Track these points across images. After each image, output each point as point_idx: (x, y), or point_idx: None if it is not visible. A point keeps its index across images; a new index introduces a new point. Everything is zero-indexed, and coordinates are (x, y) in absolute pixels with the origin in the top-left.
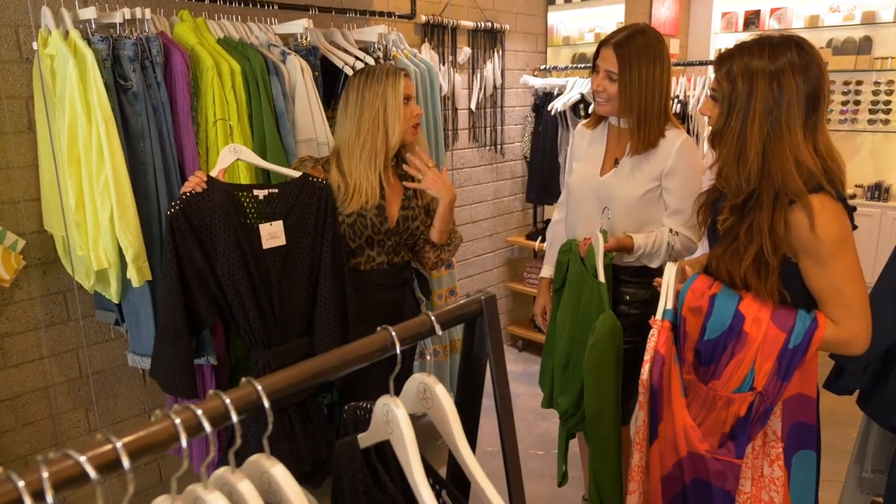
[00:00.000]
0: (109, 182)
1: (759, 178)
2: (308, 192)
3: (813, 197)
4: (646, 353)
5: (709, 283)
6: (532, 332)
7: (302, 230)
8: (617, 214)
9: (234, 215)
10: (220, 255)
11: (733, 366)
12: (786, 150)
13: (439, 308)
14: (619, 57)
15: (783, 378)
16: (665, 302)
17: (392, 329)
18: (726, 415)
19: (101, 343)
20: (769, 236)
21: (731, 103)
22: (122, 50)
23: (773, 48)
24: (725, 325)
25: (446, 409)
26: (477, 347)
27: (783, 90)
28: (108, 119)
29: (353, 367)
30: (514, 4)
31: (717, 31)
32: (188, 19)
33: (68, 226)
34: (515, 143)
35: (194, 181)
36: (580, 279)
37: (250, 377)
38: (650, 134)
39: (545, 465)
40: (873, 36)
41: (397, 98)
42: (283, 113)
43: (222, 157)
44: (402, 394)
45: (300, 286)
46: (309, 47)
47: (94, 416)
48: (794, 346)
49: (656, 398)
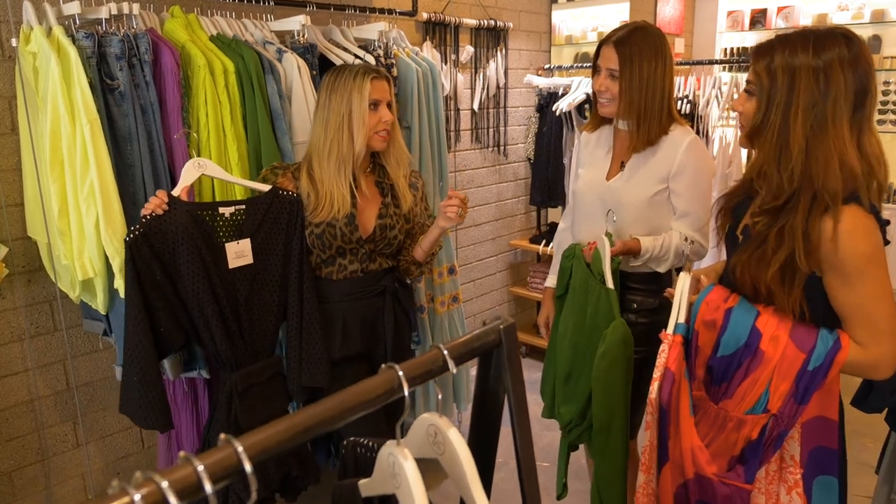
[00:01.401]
0: (95, 187)
1: (802, 176)
2: (278, 207)
3: (845, 208)
4: (655, 369)
5: (725, 296)
6: (536, 337)
7: (271, 247)
8: (626, 219)
9: (199, 236)
10: (183, 278)
11: (747, 385)
12: (830, 147)
13: (441, 314)
14: (620, 54)
15: (800, 401)
16: (677, 314)
17: (398, 367)
18: (737, 437)
19: (89, 354)
20: (802, 241)
21: (769, 97)
22: (109, 47)
23: (819, 41)
24: (741, 342)
25: (461, 458)
26: (493, 382)
27: (830, 85)
28: (93, 120)
29: (355, 414)
30: (517, 2)
31: (722, 30)
32: (179, 15)
33: (51, 233)
34: (519, 144)
35: (154, 202)
36: (585, 285)
37: (222, 424)
38: (650, 131)
39: (551, 477)
40: (882, 35)
41: (362, 103)
42: (278, 114)
43: (185, 172)
44: (409, 435)
45: (269, 305)
46: (306, 45)
47: (82, 430)
48: (813, 369)
49: (666, 418)
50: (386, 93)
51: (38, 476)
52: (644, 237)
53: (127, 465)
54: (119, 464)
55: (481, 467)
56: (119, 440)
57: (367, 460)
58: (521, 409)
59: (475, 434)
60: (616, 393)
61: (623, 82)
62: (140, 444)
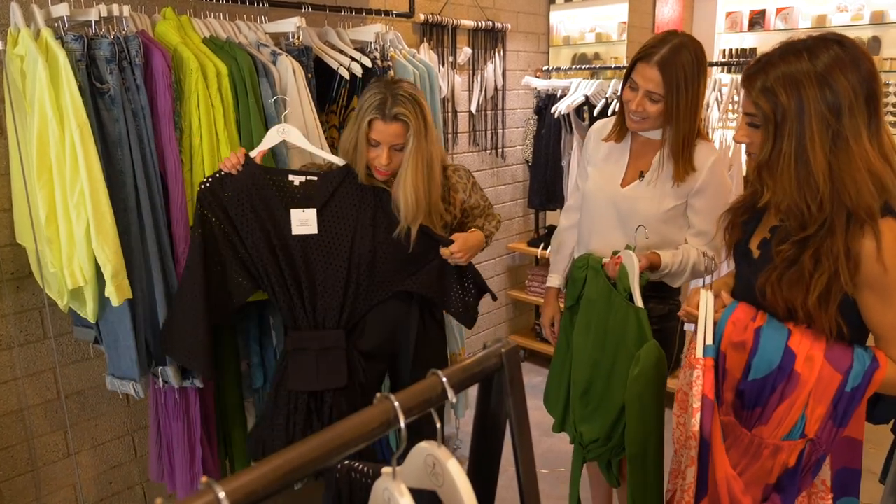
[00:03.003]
0: (85, 193)
1: (832, 200)
2: (350, 184)
3: (884, 222)
4: (692, 399)
5: (752, 314)
6: (534, 341)
7: (338, 222)
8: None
9: (265, 197)
10: (246, 234)
11: (783, 410)
12: (856, 163)
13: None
14: (666, 78)
15: (839, 424)
16: (704, 336)
17: (394, 398)
18: (773, 464)
19: (80, 362)
20: (846, 262)
21: (777, 124)
22: (98, 50)
23: (811, 48)
24: (774, 364)
25: (462, 492)
26: (495, 407)
27: (837, 93)
28: (82, 125)
29: (349, 450)
30: (515, 3)
31: (721, 32)
32: (171, 17)
33: (39, 241)
34: (517, 146)
35: (231, 162)
36: (607, 301)
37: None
38: (690, 158)
39: (550, 485)
40: (882, 36)
41: (362, 136)
42: (273, 117)
43: (268, 136)
44: (406, 465)
45: (335, 279)
46: (301, 47)
47: (74, 439)
48: (851, 389)
49: (708, 450)
50: (391, 136)
51: (28, 487)
52: (664, 252)
53: (119, 474)
54: (111, 473)
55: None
56: (111, 449)
57: (362, 486)
58: (523, 435)
59: (475, 463)
60: (651, 416)
61: (668, 111)
62: (132, 452)
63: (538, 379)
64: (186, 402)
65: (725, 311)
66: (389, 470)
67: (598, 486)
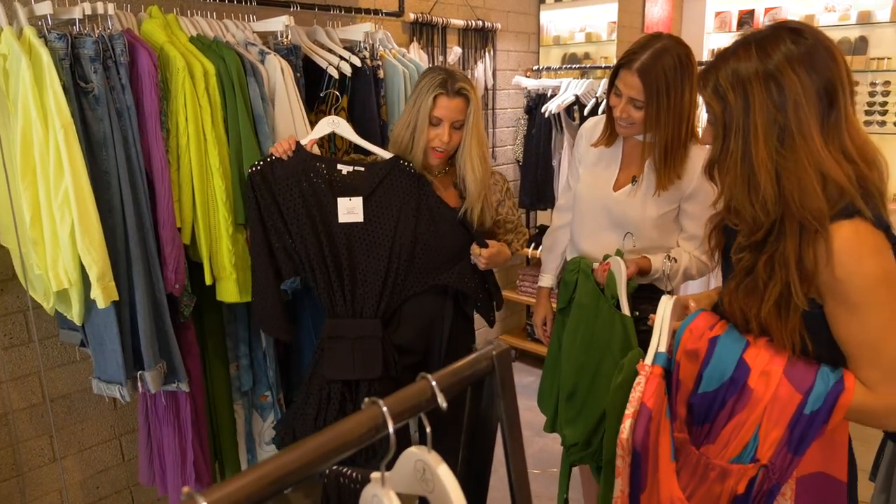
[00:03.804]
0: (70, 194)
1: (778, 204)
2: (396, 175)
3: (843, 224)
4: (628, 404)
5: (710, 323)
6: (526, 341)
7: (383, 212)
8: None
9: (313, 184)
10: (292, 219)
11: (732, 428)
12: (803, 163)
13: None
14: (646, 85)
15: (795, 451)
16: (658, 342)
17: (382, 402)
18: (721, 489)
19: (66, 365)
20: (797, 270)
21: (725, 123)
22: (82, 49)
23: (762, 43)
24: (725, 377)
25: (452, 498)
26: (486, 410)
27: (784, 90)
28: (66, 125)
29: (336, 458)
30: (505, 3)
31: (710, 31)
32: (157, 16)
33: (23, 243)
34: (508, 146)
35: (283, 147)
36: (595, 305)
37: (312, 368)
38: (678, 167)
39: (542, 485)
40: (869, 36)
41: (424, 115)
42: (261, 117)
43: (318, 127)
44: (395, 470)
45: (376, 269)
46: (290, 46)
47: (59, 443)
48: (811, 412)
49: (640, 463)
50: (454, 112)
51: (13, 492)
52: (654, 256)
53: (106, 478)
54: (98, 478)
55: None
56: (98, 453)
57: (351, 492)
58: (515, 439)
59: (467, 467)
60: None
61: (649, 117)
62: (120, 456)
63: (529, 378)
64: (176, 406)
65: (686, 319)
66: (378, 475)
67: (590, 487)
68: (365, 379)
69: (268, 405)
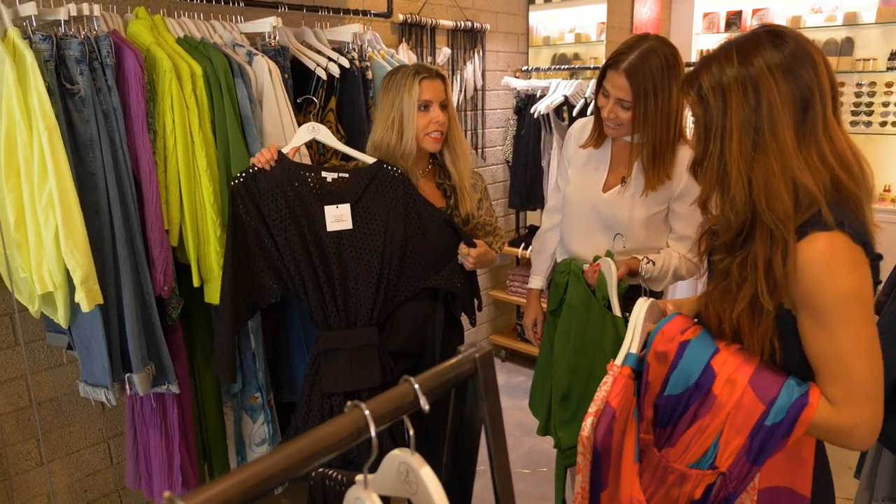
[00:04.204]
0: (54, 197)
1: (747, 205)
2: (381, 180)
3: (819, 236)
4: (592, 403)
5: (683, 326)
6: (516, 341)
7: (372, 218)
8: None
9: (298, 194)
10: (280, 232)
11: (693, 433)
12: (772, 166)
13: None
14: (633, 85)
15: (754, 461)
16: (630, 344)
17: (364, 406)
18: (679, 493)
19: (52, 368)
20: (765, 274)
21: (706, 125)
22: (68, 50)
23: (742, 49)
24: (691, 381)
25: (435, 499)
26: (469, 412)
27: (761, 95)
28: (51, 127)
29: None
30: (494, 3)
31: (698, 32)
32: (144, 17)
33: (8, 245)
34: (497, 146)
35: (265, 157)
36: (586, 307)
37: (308, 384)
38: (667, 167)
39: (532, 484)
40: (855, 37)
41: (412, 104)
42: (249, 119)
43: (298, 134)
44: (378, 473)
45: (367, 275)
46: (278, 47)
47: (46, 447)
48: (772, 424)
49: (600, 462)
50: (439, 92)
51: (0, 496)
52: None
53: (94, 482)
54: (86, 481)
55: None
56: (85, 457)
57: (337, 495)
58: (499, 441)
59: (451, 469)
60: None
61: (637, 118)
62: (108, 460)
63: (520, 378)
64: (163, 408)
65: (661, 321)
66: (362, 478)
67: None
68: (364, 389)
69: (258, 407)
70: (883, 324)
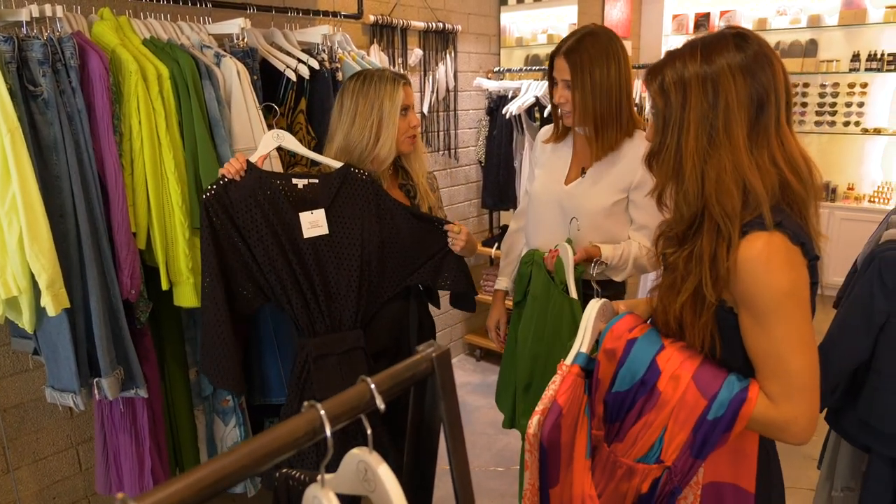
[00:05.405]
0: (17, 200)
1: (699, 199)
2: (351, 183)
3: (759, 235)
4: (539, 402)
5: (631, 325)
6: (490, 340)
7: (346, 221)
8: (582, 226)
9: (272, 203)
10: (257, 242)
11: (640, 428)
12: (724, 163)
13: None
14: (571, 64)
15: (697, 455)
16: (581, 343)
17: (320, 406)
18: (627, 487)
19: (18, 374)
20: (710, 267)
21: (664, 118)
22: (30, 52)
23: (707, 48)
24: (637, 378)
25: (392, 497)
26: (428, 412)
27: (719, 93)
28: (13, 129)
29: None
30: (466, 5)
31: (668, 34)
32: (109, 18)
33: None
34: (470, 147)
35: (234, 168)
36: (546, 293)
37: (295, 393)
38: (610, 137)
39: (505, 482)
40: (818, 39)
41: (394, 110)
42: (217, 120)
43: (263, 142)
44: (338, 472)
45: (348, 278)
46: (246, 49)
47: (13, 454)
48: (713, 419)
49: (547, 459)
50: (412, 98)
51: None
52: (604, 245)
53: (63, 488)
54: (55, 488)
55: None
56: (53, 463)
57: (300, 494)
58: (457, 440)
59: (411, 467)
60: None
61: (576, 91)
62: (77, 466)
63: (494, 377)
64: (133, 413)
65: (612, 320)
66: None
67: None
68: None
69: (229, 409)
70: (839, 319)
